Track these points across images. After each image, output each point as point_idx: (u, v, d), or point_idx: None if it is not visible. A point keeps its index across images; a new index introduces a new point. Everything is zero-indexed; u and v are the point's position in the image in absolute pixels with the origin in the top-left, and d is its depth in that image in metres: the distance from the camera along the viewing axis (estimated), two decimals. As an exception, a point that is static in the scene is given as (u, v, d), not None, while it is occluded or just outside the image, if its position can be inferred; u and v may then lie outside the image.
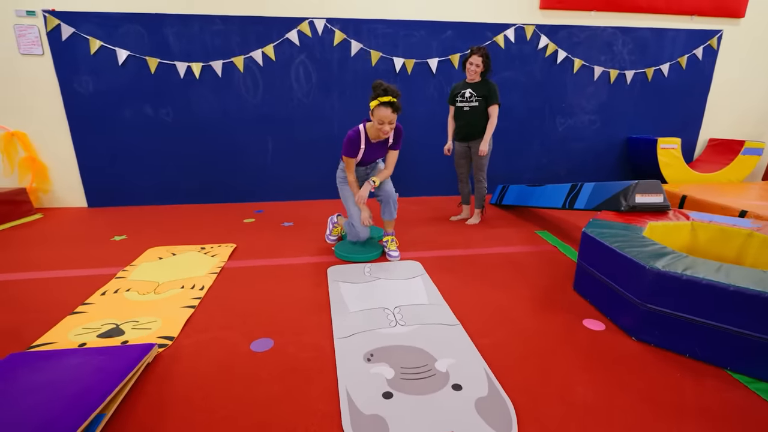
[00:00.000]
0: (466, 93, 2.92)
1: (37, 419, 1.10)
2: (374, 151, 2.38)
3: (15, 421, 1.11)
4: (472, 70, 2.83)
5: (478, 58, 2.80)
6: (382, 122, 2.16)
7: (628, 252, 1.69)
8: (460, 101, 2.95)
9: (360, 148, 2.30)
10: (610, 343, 1.63)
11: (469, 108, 2.92)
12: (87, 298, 2.00)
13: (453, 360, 1.51)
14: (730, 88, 4.31)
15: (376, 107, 2.14)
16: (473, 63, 2.81)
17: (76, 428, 1.08)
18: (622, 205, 2.29)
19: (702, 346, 1.50)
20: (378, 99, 2.12)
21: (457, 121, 3.02)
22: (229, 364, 1.50)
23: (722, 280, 1.42)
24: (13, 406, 1.18)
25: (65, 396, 1.21)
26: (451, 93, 3.04)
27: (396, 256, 2.51)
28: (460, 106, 2.96)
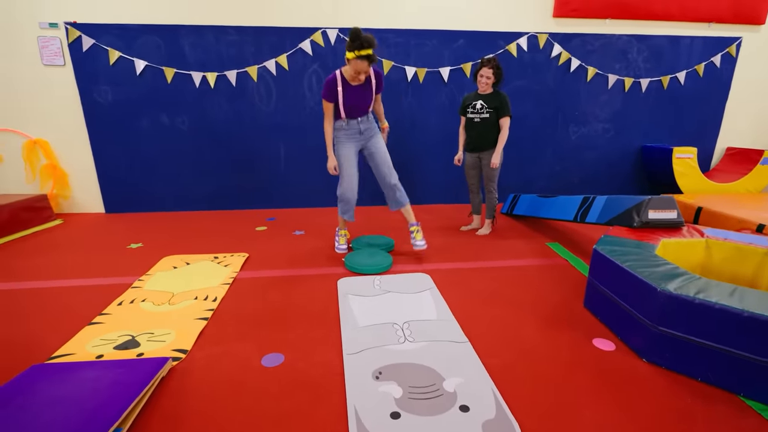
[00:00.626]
0: (477, 104, 2.92)
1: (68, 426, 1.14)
2: (356, 94, 2.48)
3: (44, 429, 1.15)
4: (483, 82, 2.84)
5: (488, 70, 2.80)
6: (359, 72, 2.34)
7: (639, 272, 1.68)
8: (471, 112, 2.96)
9: (338, 92, 2.44)
10: (620, 365, 1.62)
11: (480, 119, 2.93)
12: (104, 308, 2.06)
13: (461, 380, 1.52)
14: (750, 95, 4.23)
15: (354, 59, 2.26)
16: (484, 75, 2.82)
17: (95, 444, 1.12)
18: (635, 221, 2.26)
19: (715, 371, 1.48)
20: (356, 52, 2.23)
21: (468, 132, 3.04)
22: (240, 379, 1.53)
23: (735, 305, 1.40)
24: (35, 420, 1.22)
25: (84, 410, 1.26)
26: (463, 104, 3.05)
27: (422, 245, 2.65)
28: (471, 117, 2.97)
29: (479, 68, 2.85)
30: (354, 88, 2.47)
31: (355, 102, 2.51)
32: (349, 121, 2.57)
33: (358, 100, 2.51)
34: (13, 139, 3.61)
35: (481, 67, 2.83)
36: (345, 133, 2.60)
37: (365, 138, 2.64)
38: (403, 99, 3.84)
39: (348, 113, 2.54)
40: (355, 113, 2.56)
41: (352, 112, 2.55)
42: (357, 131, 2.60)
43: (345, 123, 2.57)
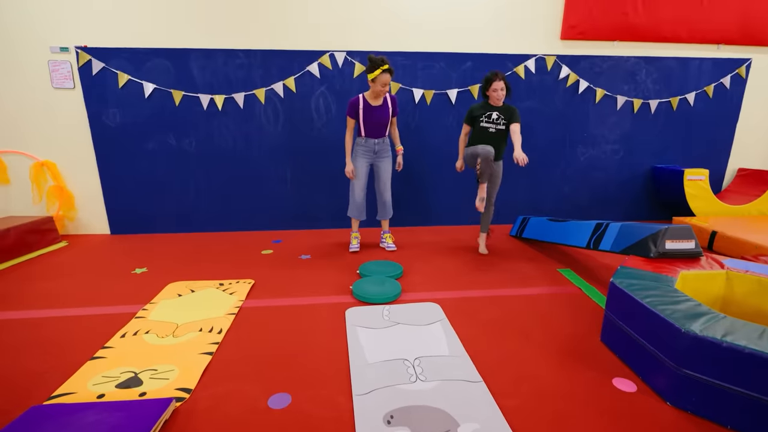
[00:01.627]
0: (493, 115, 2.92)
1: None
2: (376, 113, 2.96)
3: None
4: (499, 95, 2.87)
5: (500, 83, 2.85)
6: (385, 84, 2.81)
7: (661, 310, 1.61)
8: (485, 122, 2.94)
9: (359, 110, 2.94)
10: (643, 408, 1.54)
11: (496, 130, 2.94)
12: (107, 340, 2.01)
13: (477, 425, 1.44)
14: (760, 116, 4.18)
15: (379, 74, 2.75)
16: (498, 88, 2.85)
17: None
18: (652, 251, 2.20)
19: (745, 419, 1.40)
20: (380, 68, 2.74)
21: (480, 142, 2.96)
22: (246, 422, 1.47)
23: (766, 350, 1.34)
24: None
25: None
26: (471, 113, 3.01)
27: (392, 247, 3.33)
28: (486, 127, 2.94)
29: (491, 82, 2.86)
30: (374, 108, 2.96)
31: (374, 119, 2.97)
32: (367, 140, 3.06)
33: (377, 118, 2.97)
34: (21, 161, 3.61)
35: (495, 80, 2.85)
36: (362, 148, 3.09)
37: (377, 157, 3.14)
38: (410, 121, 3.82)
39: (368, 131, 3.03)
40: (374, 133, 3.04)
41: (371, 131, 3.03)
42: (372, 150, 3.10)
43: (364, 141, 3.07)
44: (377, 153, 3.12)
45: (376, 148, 3.10)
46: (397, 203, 3.91)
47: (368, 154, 3.11)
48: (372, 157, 3.13)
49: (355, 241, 3.33)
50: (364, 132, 3.03)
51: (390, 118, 3.04)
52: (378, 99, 2.96)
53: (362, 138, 3.07)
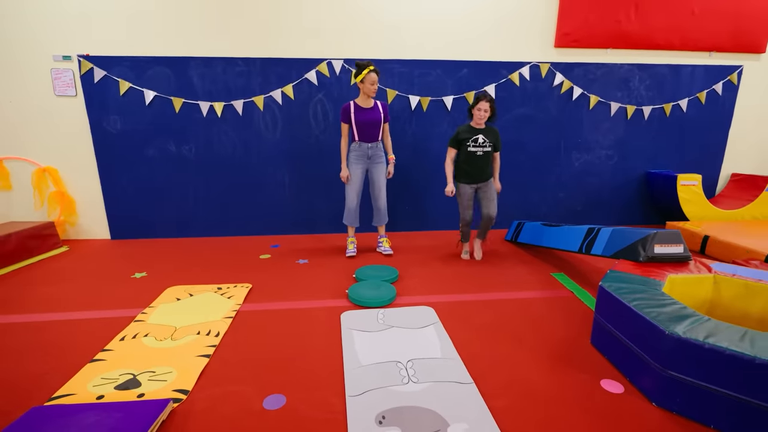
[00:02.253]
0: (479, 139, 3.00)
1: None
2: (367, 114, 3.09)
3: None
4: (481, 115, 2.93)
5: (486, 104, 2.91)
6: (373, 83, 2.98)
7: (646, 313, 1.65)
8: (472, 146, 3.01)
9: (351, 113, 3.08)
10: (629, 409, 1.58)
11: (483, 153, 3.02)
12: (107, 343, 2.05)
13: (466, 425, 1.48)
14: (753, 122, 4.24)
15: (367, 74, 2.94)
16: (482, 109, 2.92)
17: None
18: (641, 255, 2.24)
19: (729, 419, 1.44)
20: (367, 68, 2.94)
21: (469, 165, 3.06)
22: (242, 423, 1.50)
23: (747, 351, 1.37)
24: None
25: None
26: (458, 136, 3.06)
27: (389, 251, 3.39)
28: (473, 151, 3.02)
29: (478, 100, 2.93)
30: (365, 110, 3.09)
31: (366, 120, 3.08)
32: (361, 144, 3.16)
33: (368, 118, 3.09)
34: (23, 167, 3.67)
35: (479, 101, 2.92)
36: (356, 154, 3.19)
37: (372, 162, 3.23)
38: (407, 127, 3.88)
39: (360, 135, 3.13)
40: (366, 137, 3.14)
41: (364, 135, 3.13)
42: (366, 155, 3.19)
43: (357, 145, 3.17)
44: (371, 158, 3.21)
45: (370, 153, 3.19)
46: (394, 208, 3.96)
47: (362, 159, 3.20)
48: (366, 162, 3.22)
49: (352, 246, 3.38)
50: (358, 136, 3.13)
51: (381, 122, 3.15)
52: (368, 101, 3.10)
53: (356, 143, 3.16)
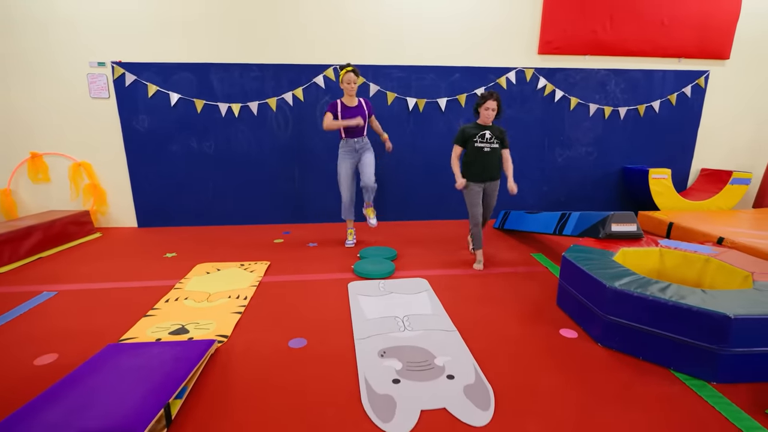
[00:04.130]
0: (486, 134, 2.94)
1: (147, 385, 1.54)
2: (351, 112, 3.31)
3: (130, 387, 1.54)
4: (488, 114, 2.90)
5: (493, 103, 2.89)
6: (349, 82, 3.22)
7: (595, 273, 2.07)
8: (479, 142, 2.95)
9: (337, 110, 3.31)
10: (580, 348, 2.00)
11: (490, 149, 2.95)
12: (154, 304, 2.46)
13: (449, 357, 1.90)
14: (720, 122, 4.66)
15: (344, 75, 3.22)
16: (489, 107, 2.89)
17: (173, 392, 1.51)
18: (600, 232, 2.66)
19: (652, 351, 1.86)
20: (344, 70, 3.22)
21: (475, 162, 2.98)
22: (272, 357, 1.92)
23: (663, 297, 1.79)
24: (123, 380, 1.61)
25: (158, 374, 1.64)
26: (464, 134, 3.00)
27: (374, 223, 3.59)
28: (480, 147, 2.95)
29: (484, 101, 2.90)
30: (350, 108, 3.32)
31: (350, 115, 3.29)
32: (347, 140, 3.36)
33: (352, 115, 3.29)
34: (61, 162, 4.09)
35: (486, 100, 2.89)
36: (344, 150, 3.39)
37: (360, 154, 3.43)
38: (405, 126, 4.30)
39: (346, 132, 3.34)
40: (352, 133, 3.35)
41: (349, 132, 3.34)
42: (353, 149, 3.39)
43: (345, 142, 3.37)
44: (359, 151, 3.41)
45: (357, 147, 3.38)
46: (392, 198, 4.38)
47: (351, 154, 3.38)
48: (354, 156, 3.41)
49: (351, 237, 3.62)
50: (344, 133, 3.34)
51: (367, 118, 3.39)
52: (352, 100, 3.31)
53: (343, 140, 3.37)
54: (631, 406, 1.59)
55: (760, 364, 1.70)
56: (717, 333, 1.68)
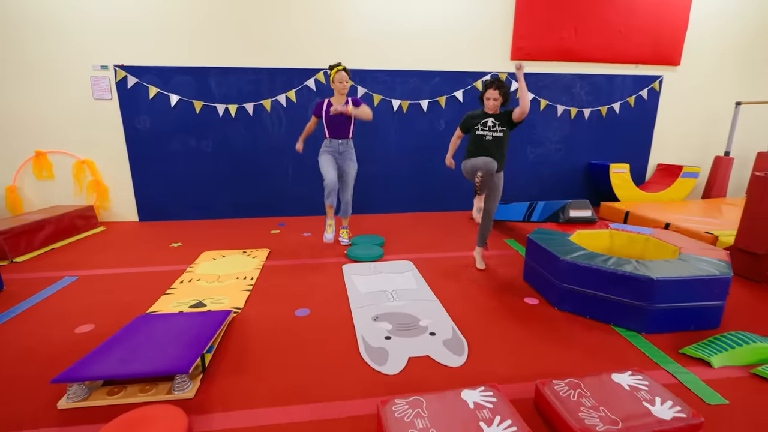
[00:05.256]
0: (489, 122, 2.74)
1: (182, 342, 1.86)
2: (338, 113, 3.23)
3: (167, 344, 1.86)
4: (491, 105, 2.73)
5: (495, 92, 2.68)
6: (341, 81, 3.19)
7: (553, 249, 2.47)
8: (481, 129, 2.76)
9: (323, 109, 3.30)
10: (539, 311, 2.40)
11: (493, 138, 2.75)
12: (170, 284, 2.77)
13: (431, 320, 2.28)
14: (672, 122, 5.17)
15: (335, 73, 3.19)
16: (491, 97, 2.70)
17: (205, 346, 1.83)
18: (560, 218, 3.08)
19: (597, 310, 2.27)
20: (335, 69, 3.19)
21: (477, 150, 2.79)
22: (281, 324, 2.26)
23: (604, 266, 2.20)
24: (161, 339, 1.92)
25: (187, 335, 1.96)
26: (467, 120, 2.86)
27: (347, 242, 3.60)
28: (482, 135, 2.76)
29: (485, 89, 2.74)
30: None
31: (336, 119, 3.27)
32: (331, 141, 3.37)
33: (338, 117, 3.27)
34: (64, 160, 4.30)
35: (488, 88, 2.72)
36: (327, 148, 3.40)
37: (342, 158, 3.42)
38: (390, 125, 4.66)
39: (331, 132, 3.34)
40: (336, 133, 3.34)
41: (334, 131, 3.33)
42: (336, 150, 3.39)
43: (328, 141, 3.38)
44: (342, 154, 3.39)
45: (341, 149, 3.37)
46: (379, 192, 4.73)
47: (333, 153, 3.38)
48: (337, 157, 3.38)
49: (330, 230, 3.34)
50: (328, 133, 3.33)
51: (352, 119, 3.34)
52: (341, 99, 3.28)
53: (327, 139, 3.37)
54: (576, 350, 2.00)
55: (677, 316, 2.14)
56: (644, 293, 2.10)
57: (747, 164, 5.42)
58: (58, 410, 1.58)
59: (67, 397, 1.62)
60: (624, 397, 1.51)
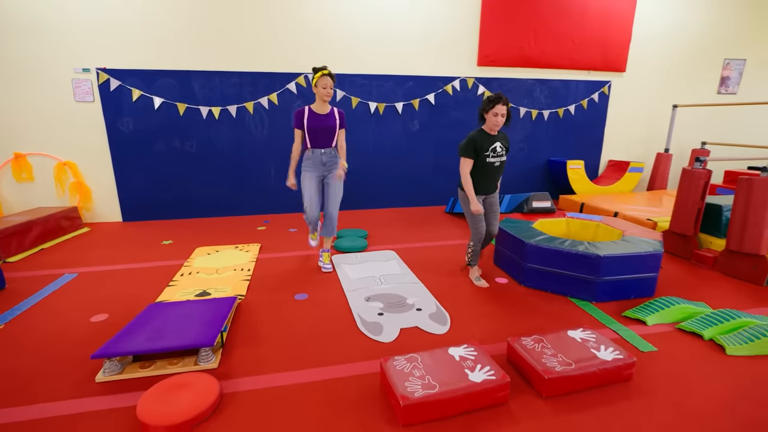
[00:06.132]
0: (497, 147, 2.63)
1: (199, 323, 2.08)
2: (320, 121, 2.90)
3: (186, 325, 2.08)
4: (497, 122, 2.53)
5: (503, 108, 2.51)
6: (325, 87, 2.82)
7: (519, 235, 2.85)
8: (492, 156, 2.62)
9: (303, 119, 2.89)
10: (508, 289, 2.77)
11: (500, 163, 2.70)
12: (172, 277, 2.95)
13: (417, 298, 2.60)
14: (620, 122, 5.76)
15: (319, 78, 2.81)
16: (498, 113, 2.51)
17: (222, 323, 2.07)
18: (525, 208, 3.49)
19: (556, 285, 2.67)
20: (319, 73, 2.82)
21: (483, 177, 2.68)
22: (283, 306, 2.51)
23: (560, 247, 2.60)
24: (178, 322, 2.14)
25: (204, 317, 2.19)
26: (476, 145, 2.59)
27: (329, 268, 3.09)
28: (492, 162, 2.64)
29: (492, 105, 2.51)
30: (319, 116, 2.90)
31: (319, 126, 2.90)
32: (313, 151, 2.95)
33: (321, 124, 2.91)
34: (45, 162, 4.32)
35: (496, 103, 2.50)
36: (310, 162, 2.97)
37: (327, 169, 3.01)
38: (367, 127, 4.95)
39: (313, 141, 2.92)
40: (319, 142, 2.94)
41: (316, 140, 2.93)
42: (320, 162, 2.97)
43: (310, 153, 2.96)
44: (326, 165, 2.99)
45: (324, 159, 2.97)
46: (360, 189, 5.02)
47: (317, 167, 2.98)
48: (321, 170, 3.00)
49: (315, 241, 3.37)
50: (310, 143, 2.93)
51: (336, 128, 2.95)
52: (324, 107, 2.92)
53: (308, 150, 2.96)
54: (539, 317, 2.38)
55: (620, 286, 2.56)
56: (593, 268, 2.51)
57: (684, 159, 6.10)
58: (97, 383, 1.79)
59: (104, 371, 1.82)
60: (576, 346, 1.89)
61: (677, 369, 1.90)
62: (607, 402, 1.68)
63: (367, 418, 1.59)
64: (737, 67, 6.05)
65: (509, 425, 1.55)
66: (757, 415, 1.61)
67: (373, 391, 1.74)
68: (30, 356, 2.00)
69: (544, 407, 1.65)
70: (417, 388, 1.58)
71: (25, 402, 1.67)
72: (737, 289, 2.80)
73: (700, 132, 6.11)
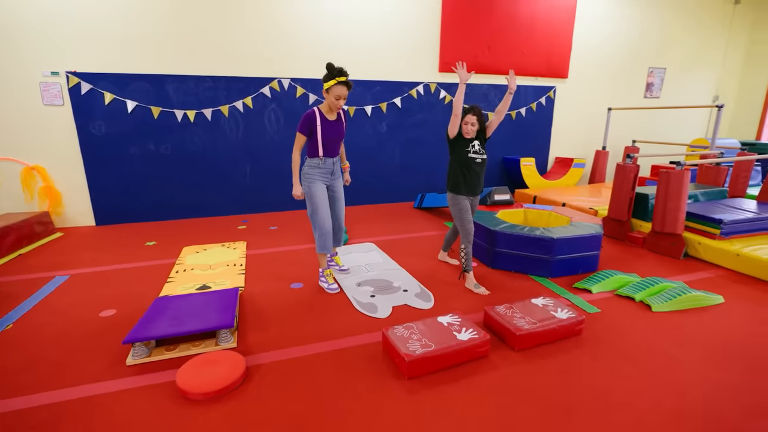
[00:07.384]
0: (476, 145, 2.82)
1: (211, 310, 2.30)
2: (334, 128, 2.69)
3: (199, 313, 2.28)
4: (468, 130, 2.77)
5: (473, 117, 2.76)
6: (339, 98, 2.55)
7: (485, 224, 3.28)
8: (472, 152, 2.81)
9: (316, 127, 2.61)
10: (478, 271, 3.19)
11: (481, 160, 2.86)
12: (168, 275, 3.10)
13: (402, 282, 2.95)
14: (565, 123, 6.44)
15: (334, 85, 2.50)
16: (468, 122, 2.76)
17: (234, 309, 2.30)
18: (488, 201, 3.94)
19: (518, 265, 3.12)
20: (335, 79, 2.50)
21: (467, 173, 2.84)
22: (281, 295, 2.77)
23: (521, 232, 3.05)
24: (190, 311, 2.33)
25: (213, 306, 2.40)
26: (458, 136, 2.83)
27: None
28: (473, 158, 2.82)
29: (465, 114, 2.78)
30: (331, 122, 2.67)
31: (333, 135, 2.68)
32: (326, 160, 2.71)
33: (335, 134, 2.69)
34: (10, 166, 4.21)
35: (467, 114, 2.77)
36: (320, 171, 2.73)
37: (334, 178, 2.84)
38: (339, 128, 5.23)
39: (326, 150, 2.69)
40: (331, 151, 2.73)
41: (329, 150, 2.70)
42: (330, 171, 2.78)
43: (322, 161, 2.71)
44: (334, 174, 2.83)
45: (334, 168, 2.81)
46: (333, 189, 5.30)
47: (326, 176, 2.77)
48: (329, 178, 2.80)
49: (331, 279, 2.88)
50: (323, 152, 2.68)
51: (344, 132, 2.81)
52: (333, 113, 2.71)
53: (320, 159, 2.70)
54: (504, 292, 2.81)
55: (570, 264, 3.06)
56: (548, 248, 2.98)
57: (619, 156, 6.91)
58: (128, 366, 1.98)
59: (132, 355, 2.01)
60: (539, 310, 2.32)
61: (616, 324, 2.39)
62: (565, 350, 2.11)
63: (377, 375, 1.91)
64: (659, 74, 6.94)
65: (491, 371, 1.94)
66: (672, 352, 2.11)
67: (378, 356, 2.06)
68: (52, 347, 2.13)
69: (517, 357, 2.05)
70: (417, 348, 1.93)
71: (65, 385, 1.83)
72: (660, 262, 3.40)
73: (631, 131, 6.95)
